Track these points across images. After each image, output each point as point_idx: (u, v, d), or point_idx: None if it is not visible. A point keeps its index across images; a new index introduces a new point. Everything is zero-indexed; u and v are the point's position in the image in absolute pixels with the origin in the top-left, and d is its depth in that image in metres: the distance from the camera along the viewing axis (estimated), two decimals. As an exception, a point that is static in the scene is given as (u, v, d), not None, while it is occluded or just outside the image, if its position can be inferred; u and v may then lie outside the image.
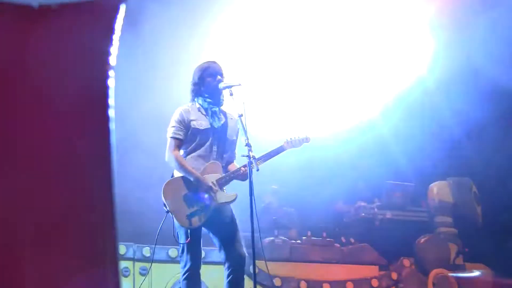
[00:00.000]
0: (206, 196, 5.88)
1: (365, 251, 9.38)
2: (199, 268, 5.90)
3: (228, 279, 5.90)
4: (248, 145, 5.70)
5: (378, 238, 9.89)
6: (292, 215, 9.71)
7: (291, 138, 6.39)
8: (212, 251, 7.58)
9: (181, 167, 5.92)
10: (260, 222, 5.69)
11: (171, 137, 6.03)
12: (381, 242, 9.85)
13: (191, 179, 5.90)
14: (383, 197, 10.17)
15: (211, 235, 6.04)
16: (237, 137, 6.24)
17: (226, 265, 5.94)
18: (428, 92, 10.20)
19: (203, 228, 5.95)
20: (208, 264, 7.47)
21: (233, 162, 6.27)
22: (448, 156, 10.74)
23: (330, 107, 9.66)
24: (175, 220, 5.83)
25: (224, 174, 6.04)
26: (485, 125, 10.43)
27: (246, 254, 5.95)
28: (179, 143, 6.02)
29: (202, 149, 6.05)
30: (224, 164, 6.15)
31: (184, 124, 6.03)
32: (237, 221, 6.07)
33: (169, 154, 5.99)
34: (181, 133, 6.02)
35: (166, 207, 5.87)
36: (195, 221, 5.83)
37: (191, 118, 6.05)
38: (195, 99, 6.18)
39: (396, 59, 9.83)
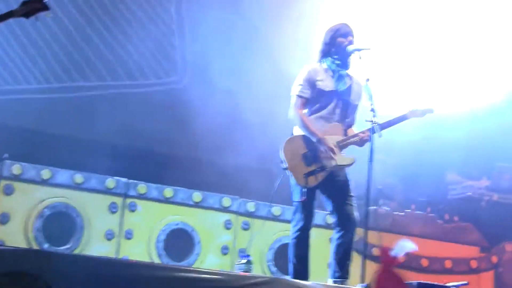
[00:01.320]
0: (325, 157, 5.84)
1: (467, 231, 9.20)
2: (310, 228, 5.90)
3: (338, 242, 5.90)
4: (373, 110, 5.63)
5: (482, 219, 9.68)
6: (396, 187, 9.60)
7: (414, 108, 6.26)
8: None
9: (304, 126, 5.88)
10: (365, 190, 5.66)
11: (297, 95, 5.98)
12: (484, 224, 9.65)
13: (313, 139, 5.86)
14: (492, 178, 9.91)
15: (324, 196, 6.01)
16: (359, 102, 6.13)
17: (337, 228, 5.93)
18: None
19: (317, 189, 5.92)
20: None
21: (351, 127, 6.19)
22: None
23: (454, 84, 9.44)
24: (292, 178, 5.81)
25: (344, 137, 5.98)
26: None
27: (358, 218, 5.91)
28: (305, 102, 5.98)
29: (325, 110, 5.98)
30: (345, 128, 6.08)
31: (310, 84, 5.97)
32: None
33: (294, 112, 5.96)
34: (307, 91, 5.96)
35: (284, 164, 5.84)
36: (312, 180, 5.80)
37: (318, 78, 5.99)
38: (323, 60, 6.10)
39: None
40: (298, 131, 5.98)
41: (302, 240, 5.86)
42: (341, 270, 5.91)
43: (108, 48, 8.87)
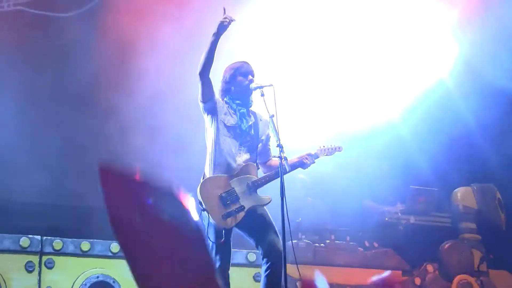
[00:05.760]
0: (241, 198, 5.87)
1: (388, 256, 9.32)
2: (228, 268, 5.87)
3: (266, 273, 5.86)
4: (279, 146, 5.66)
5: (402, 243, 9.84)
6: (321, 212, 9.73)
7: (324, 146, 6.37)
8: (235, 252, 7.54)
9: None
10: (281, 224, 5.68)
11: None
12: (404, 247, 9.80)
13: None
14: (406, 201, 10.10)
15: (245, 234, 6.01)
16: (265, 137, 6.19)
17: (264, 260, 5.90)
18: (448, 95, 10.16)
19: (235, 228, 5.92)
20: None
21: (267, 162, 6.26)
22: (471, 161, 10.67)
23: (353, 107, 9.65)
24: (210, 219, 5.78)
25: (259, 177, 6.03)
26: (508, 129, 10.37)
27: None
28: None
29: (231, 148, 5.98)
30: (260, 165, 6.16)
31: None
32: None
33: None
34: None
35: (201, 205, 5.81)
36: (231, 221, 5.81)
37: (221, 111, 6.03)
38: (224, 99, 6.14)
39: (418, 60, 9.84)
40: (209, 171, 5.97)
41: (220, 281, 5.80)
42: (273, 301, 5.86)
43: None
